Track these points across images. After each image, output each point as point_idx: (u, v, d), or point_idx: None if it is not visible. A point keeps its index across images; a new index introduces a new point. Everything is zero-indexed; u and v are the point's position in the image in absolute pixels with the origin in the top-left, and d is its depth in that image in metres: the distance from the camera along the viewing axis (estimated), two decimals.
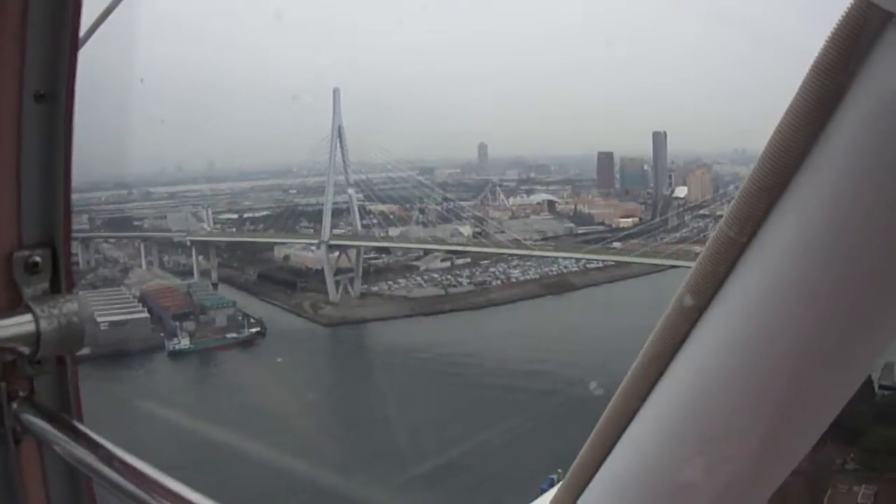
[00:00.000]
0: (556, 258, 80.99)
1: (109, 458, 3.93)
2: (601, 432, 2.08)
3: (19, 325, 3.98)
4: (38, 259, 4.07)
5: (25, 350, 3.95)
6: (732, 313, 1.77)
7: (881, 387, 55.49)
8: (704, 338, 1.83)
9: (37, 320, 3.92)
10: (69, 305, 4.08)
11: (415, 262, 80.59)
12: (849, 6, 1.49)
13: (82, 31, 4.20)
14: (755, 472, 1.92)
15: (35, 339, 3.91)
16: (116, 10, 4.46)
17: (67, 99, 4.02)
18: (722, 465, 1.89)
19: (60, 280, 4.18)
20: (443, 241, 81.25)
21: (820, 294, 1.64)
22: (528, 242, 78.96)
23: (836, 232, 1.58)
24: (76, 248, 73.18)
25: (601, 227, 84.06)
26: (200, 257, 79.42)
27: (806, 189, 1.62)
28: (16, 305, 4.02)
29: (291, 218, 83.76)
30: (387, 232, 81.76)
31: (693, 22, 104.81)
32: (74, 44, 4.06)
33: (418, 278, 79.22)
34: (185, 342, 67.45)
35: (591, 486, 2.14)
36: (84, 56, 4.18)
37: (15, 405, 4.24)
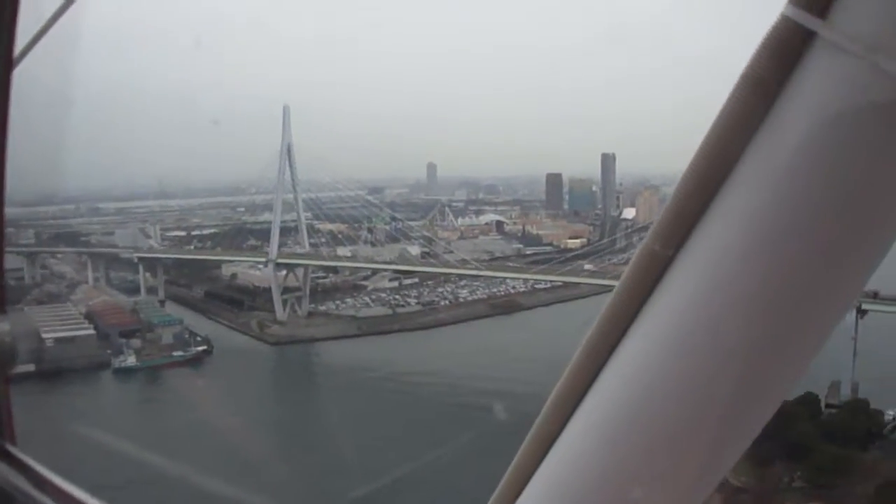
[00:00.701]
0: (505, 278, 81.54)
1: (42, 483, 4.10)
2: (532, 444, 2.12)
3: None
4: None
5: None
6: (659, 324, 1.84)
7: (827, 405, 56.84)
8: (632, 347, 1.89)
9: None
10: (0, 326, 4.06)
11: (363, 282, 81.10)
12: (773, 24, 1.64)
13: (17, 49, 4.32)
14: (684, 478, 1.96)
15: None
16: (62, 27, 4.42)
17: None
18: (651, 472, 1.94)
19: None
20: (391, 261, 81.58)
21: (746, 302, 1.72)
22: (476, 263, 79.30)
23: (760, 243, 1.68)
24: (21, 262, 73.11)
25: (549, 248, 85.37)
26: (148, 274, 79.31)
27: (730, 202, 1.71)
28: None
29: (239, 236, 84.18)
30: (335, 251, 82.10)
31: (638, 46, 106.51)
32: (8, 66, 4.17)
33: (366, 298, 79.65)
34: (131, 360, 67.30)
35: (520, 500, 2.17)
36: (30, 72, 4.37)
37: None
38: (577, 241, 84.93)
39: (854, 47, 1.52)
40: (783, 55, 1.60)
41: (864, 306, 59.02)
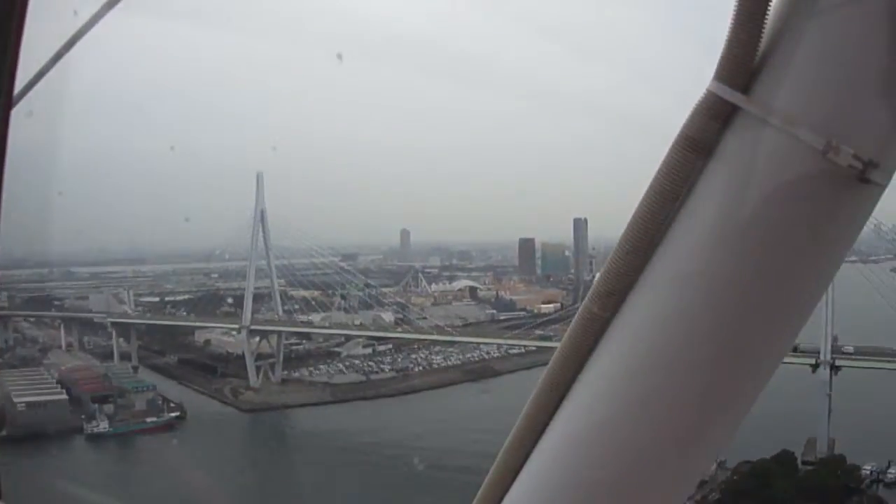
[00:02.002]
0: (479, 344, 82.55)
1: None
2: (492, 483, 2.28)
3: None
4: None
5: None
6: (597, 384, 1.99)
7: (804, 462, 58.26)
8: (574, 405, 2.03)
9: None
10: None
11: (336, 349, 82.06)
12: (701, 97, 1.84)
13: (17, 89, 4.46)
14: None
15: None
16: (46, 85, 4.48)
17: None
18: None
19: None
20: (364, 328, 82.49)
21: (680, 364, 1.88)
22: (450, 329, 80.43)
23: (690, 306, 1.84)
24: None
25: (523, 313, 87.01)
26: (121, 339, 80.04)
27: (662, 266, 1.88)
28: None
29: (213, 302, 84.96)
30: (308, 317, 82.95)
31: (605, 112, 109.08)
32: (7, 105, 4.31)
33: (340, 364, 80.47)
34: (103, 425, 67.92)
35: None
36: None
37: None
38: (551, 305, 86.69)
39: (774, 120, 1.75)
40: (710, 127, 1.82)
41: (837, 363, 61.28)
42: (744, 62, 1.83)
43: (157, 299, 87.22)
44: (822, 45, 1.79)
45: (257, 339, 79.02)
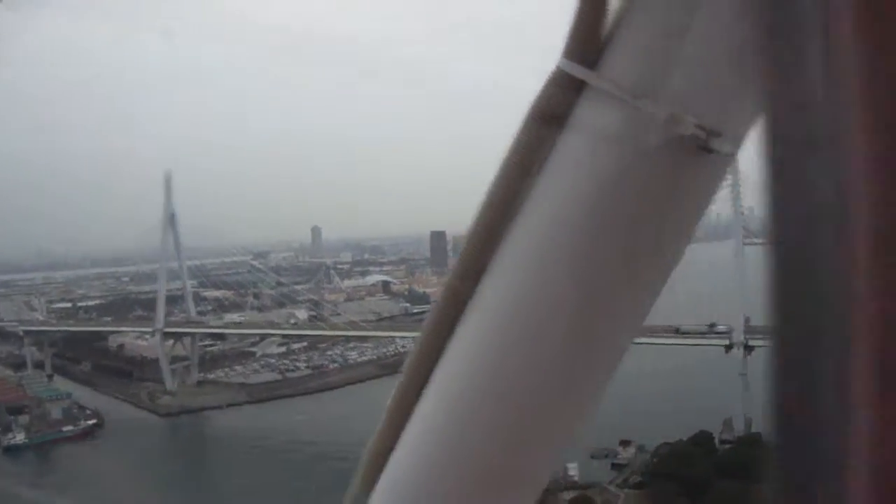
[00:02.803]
0: (394, 338, 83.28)
1: None
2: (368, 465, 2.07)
3: None
4: None
5: None
6: (463, 352, 1.89)
7: (722, 441, 59.85)
8: (442, 375, 1.94)
9: None
10: None
11: (251, 348, 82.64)
12: (549, 75, 1.78)
13: None
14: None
15: None
16: None
17: None
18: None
19: None
20: (278, 326, 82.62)
21: (534, 342, 1.79)
22: (364, 324, 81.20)
23: (544, 281, 1.77)
24: None
25: None
26: (34, 348, 79.51)
27: (519, 239, 1.79)
28: None
29: (125, 306, 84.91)
30: (222, 318, 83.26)
31: (504, 103, 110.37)
32: None
33: (255, 364, 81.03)
34: (20, 437, 67.64)
35: None
36: None
37: None
38: None
39: (620, 94, 1.73)
40: (559, 103, 1.80)
41: (750, 342, 62.69)
42: (590, 37, 1.86)
43: (69, 305, 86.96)
44: (668, 16, 1.84)
45: (171, 341, 78.79)
